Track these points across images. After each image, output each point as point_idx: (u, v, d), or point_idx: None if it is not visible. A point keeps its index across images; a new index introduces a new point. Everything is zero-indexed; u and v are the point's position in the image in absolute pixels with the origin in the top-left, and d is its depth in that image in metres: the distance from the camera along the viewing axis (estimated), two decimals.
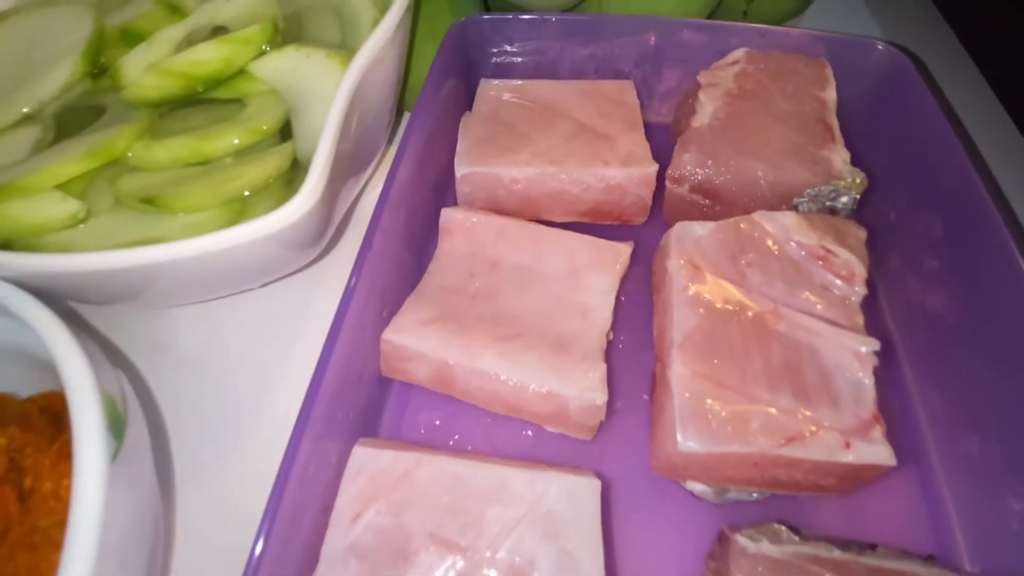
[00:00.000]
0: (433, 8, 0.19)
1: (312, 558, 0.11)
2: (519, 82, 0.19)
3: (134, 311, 0.16)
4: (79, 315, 0.16)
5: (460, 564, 0.10)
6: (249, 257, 0.11)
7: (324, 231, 0.13)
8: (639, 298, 0.16)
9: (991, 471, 0.12)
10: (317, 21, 0.17)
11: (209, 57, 0.14)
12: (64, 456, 0.10)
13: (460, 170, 0.16)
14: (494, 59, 0.19)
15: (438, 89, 0.17)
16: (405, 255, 0.15)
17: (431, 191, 0.17)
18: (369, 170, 0.17)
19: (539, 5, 0.18)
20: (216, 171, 0.13)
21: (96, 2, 0.17)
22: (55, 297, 0.11)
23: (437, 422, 0.14)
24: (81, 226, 0.12)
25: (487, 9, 0.20)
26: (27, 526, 0.10)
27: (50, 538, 0.10)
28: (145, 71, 0.13)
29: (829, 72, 0.17)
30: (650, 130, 0.18)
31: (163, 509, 0.11)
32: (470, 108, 0.19)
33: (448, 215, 0.16)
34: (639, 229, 0.17)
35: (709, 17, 0.21)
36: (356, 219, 0.18)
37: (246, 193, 0.13)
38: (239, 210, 0.13)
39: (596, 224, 0.17)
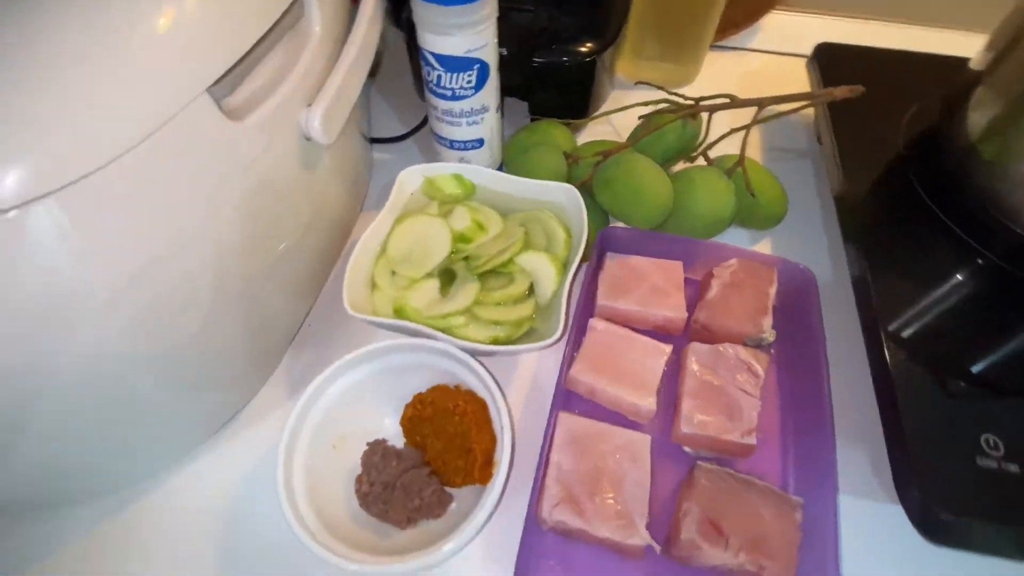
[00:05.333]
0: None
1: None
2: (625, 256, 0.41)
3: None
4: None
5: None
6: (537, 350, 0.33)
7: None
8: (671, 370, 0.37)
9: (796, 438, 0.33)
10: (534, 229, 0.40)
11: (506, 258, 0.37)
12: (478, 405, 0.32)
13: (599, 302, 0.38)
14: (617, 242, 0.42)
15: (590, 265, 0.39)
16: (577, 338, 0.38)
17: (587, 311, 0.39)
18: None
19: (635, 224, 0.41)
20: (513, 307, 0.36)
21: (436, 214, 0.41)
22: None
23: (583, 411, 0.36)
24: (467, 328, 0.35)
25: (607, 221, 0.43)
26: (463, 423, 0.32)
27: (470, 432, 0.32)
28: (482, 264, 0.37)
29: (775, 276, 0.38)
30: (689, 283, 0.41)
31: None
32: (601, 266, 0.41)
33: (594, 322, 0.38)
34: (677, 338, 0.39)
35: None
36: None
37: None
38: (520, 328, 0.35)
39: (658, 332, 0.39)
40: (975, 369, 0.30)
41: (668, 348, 0.36)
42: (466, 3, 0.34)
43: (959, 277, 0.36)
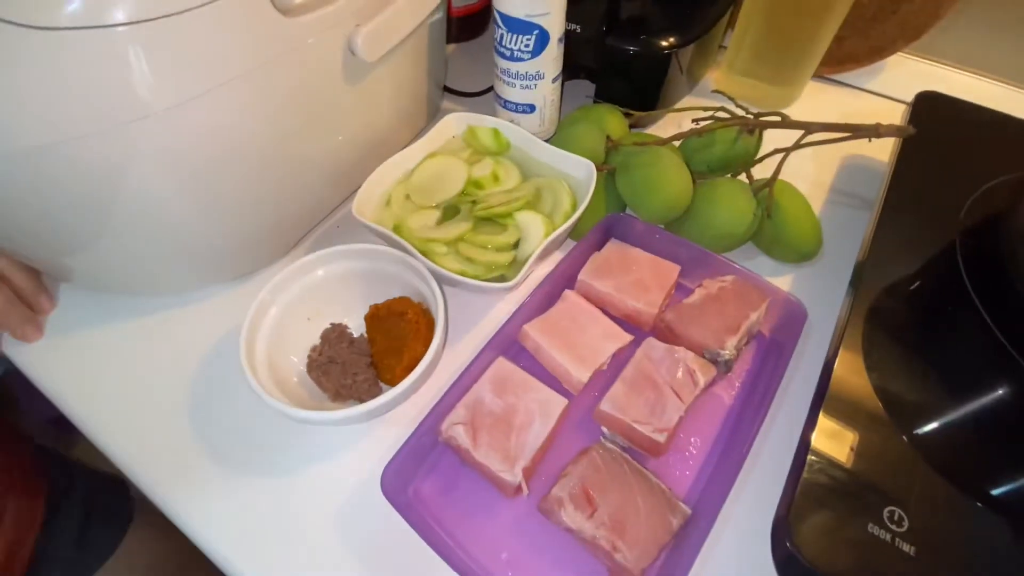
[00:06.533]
0: (597, 200, 0.43)
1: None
2: (627, 245, 0.42)
3: None
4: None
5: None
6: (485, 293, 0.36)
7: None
8: (624, 358, 0.38)
9: (719, 460, 0.32)
10: (544, 195, 0.42)
11: (505, 210, 0.40)
12: (427, 321, 0.36)
13: (580, 278, 0.40)
14: (627, 230, 0.43)
15: (588, 243, 0.40)
16: (547, 301, 0.40)
17: (567, 281, 0.41)
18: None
19: (643, 215, 0.41)
20: (492, 252, 0.39)
21: (465, 158, 0.45)
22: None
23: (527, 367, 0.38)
24: (445, 256, 0.39)
25: (624, 209, 0.44)
26: (406, 330, 0.36)
27: (408, 339, 0.35)
28: (481, 209, 0.40)
29: (764, 304, 0.37)
30: (683, 290, 0.41)
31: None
32: (600, 247, 0.42)
33: (567, 293, 0.39)
34: (645, 332, 0.39)
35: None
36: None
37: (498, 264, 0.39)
38: (490, 272, 0.38)
39: (628, 322, 0.40)
40: (914, 446, 0.28)
41: (628, 337, 0.37)
42: None
43: (966, 367, 0.32)
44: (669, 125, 0.53)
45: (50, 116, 0.27)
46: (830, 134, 0.38)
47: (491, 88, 0.55)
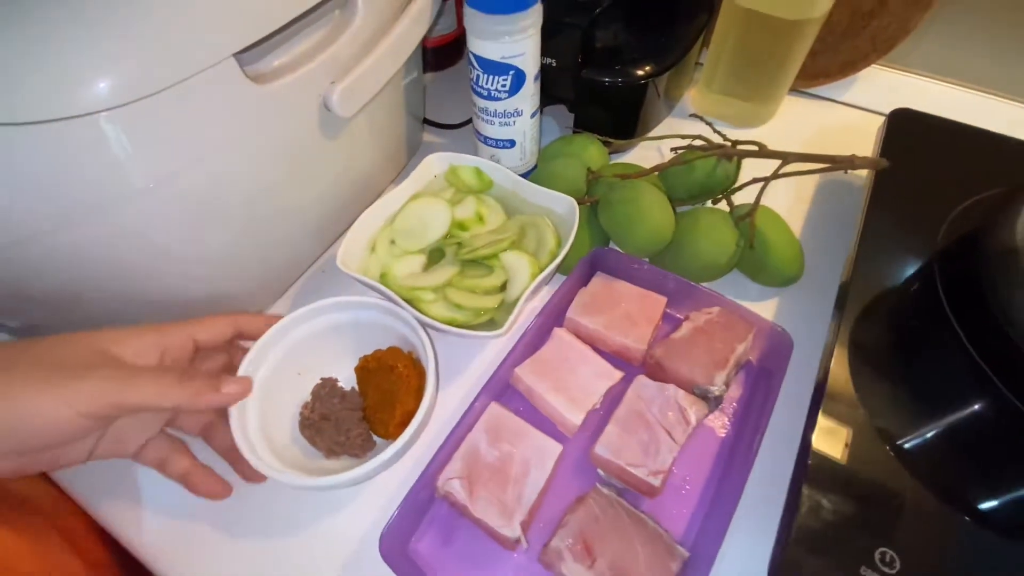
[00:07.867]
0: (581, 233, 0.43)
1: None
2: (612, 279, 0.42)
3: None
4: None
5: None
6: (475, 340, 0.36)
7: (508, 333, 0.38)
8: (616, 396, 0.38)
9: (714, 497, 0.32)
10: (528, 232, 0.42)
11: (490, 252, 0.40)
12: (417, 372, 0.36)
13: (568, 315, 0.40)
14: (612, 264, 0.43)
15: (574, 279, 0.41)
16: (536, 341, 0.40)
17: (556, 319, 0.41)
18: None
19: (628, 249, 0.41)
20: (479, 296, 0.39)
21: (448, 198, 0.45)
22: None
23: (521, 408, 0.38)
24: (432, 304, 0.39)
25: (607, 244, 0.44)
26: (397, 383, 0.36)
27: (399, 392, 0.35)
28: (467, 252, 0.40)
29: (750, 335, 0.37)
30: (671, 320, 0.41)
31: None
32: (586, 283, 0.42)
33: (557, 331, 0.40)
34: (635, 368, 0.40)
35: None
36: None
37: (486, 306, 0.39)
38: (479, 317, 0.38)
39: (618, 358, 0.40)
40: (900, 483, 0.28)
41: (619, 375, 0.37)
42: (499, 13, 0.37)
43: (946, 389, 0.33)
44: (649, 149, 0.54)
45: (29, 209, 0.26)
46: (807, 165, 0.39)
47: (469, 121, 0.55)
